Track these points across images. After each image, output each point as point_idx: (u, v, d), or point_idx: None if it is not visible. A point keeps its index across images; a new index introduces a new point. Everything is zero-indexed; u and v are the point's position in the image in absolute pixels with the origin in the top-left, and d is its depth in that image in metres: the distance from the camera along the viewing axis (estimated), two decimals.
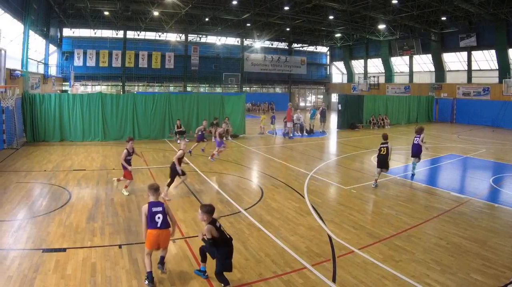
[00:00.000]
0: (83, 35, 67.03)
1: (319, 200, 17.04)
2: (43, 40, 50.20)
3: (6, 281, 9.42)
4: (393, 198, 17.53)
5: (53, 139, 31.31)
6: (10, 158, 24.63)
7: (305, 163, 25.39)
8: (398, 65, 74.10)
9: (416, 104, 56.51)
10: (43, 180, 19.50)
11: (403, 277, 10.08)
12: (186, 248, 11.72)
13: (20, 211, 14.73)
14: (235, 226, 13.60)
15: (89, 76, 67.27)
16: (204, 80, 77.24)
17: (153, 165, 23.77)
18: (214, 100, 36.51)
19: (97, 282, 9.57)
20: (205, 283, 9.74)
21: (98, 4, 52.02)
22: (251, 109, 75.51)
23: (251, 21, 64.59)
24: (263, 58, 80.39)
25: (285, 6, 51.44)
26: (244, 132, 37.48)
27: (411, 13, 50.82)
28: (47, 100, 31.08)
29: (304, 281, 9.91)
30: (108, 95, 33.67)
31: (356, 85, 78.52)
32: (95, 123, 32.29)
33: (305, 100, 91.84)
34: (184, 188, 18.56)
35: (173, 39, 72.62)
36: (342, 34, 73.58)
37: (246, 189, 18.80)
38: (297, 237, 12.72)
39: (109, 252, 11.24)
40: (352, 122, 45.19)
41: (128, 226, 13.32)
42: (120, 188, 17.78)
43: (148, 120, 33.79)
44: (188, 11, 52.71)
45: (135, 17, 61.93)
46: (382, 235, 13.03)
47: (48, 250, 11.19)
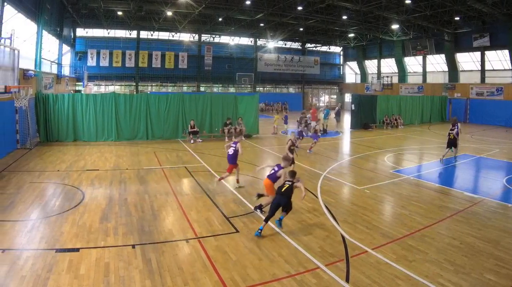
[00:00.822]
0: (97, 35, 67.22)
1: (332, 200, 17.03)
2: (56, 40, 50.39)
3: (20, 281, 9.45)
4: (407, 198, 17.48)
5: (66, 139, 31.41)
6: (24, 158, 24.75)
7: (318, 163, 25.35)
8: (411, 65, 73.75)
9: (430, 104, 56.20)
10: (56, 180, 19.57)
11: (416, 277, 10.06)
12: (200, 248, 11.69)
13: (34, 211, 14.78)
14: (248, 226, 13.59)
15: (102, 76, 67.53)
16: (217, 80, 77.26)
17: (166, 165, 23.74)
18: (228, 100, 36.44)
19: (110, 282, 9.58)
20: (218, 283, 9.72)
21: (112, 4, 52.19)
22: (265, 110, 75.34)
23: (265, 21, 64.57)
24: (277, 58, 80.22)
25: (299, 6, 51.26)
26: (257, 132, 37.40)
27: (424, 13, 50.58)
28: (61, 100, 31.18)
29: (318, 281, 9.90)
30: (121, 95, 33.75)
31: (370, 85, 78.15)
32: (109, 123, 32.36)
33: (319, 100, 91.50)
34: (198, 188, 18.57)
35: (186, 39, 72.66)
36: (356, 34, 73.41)
37: (259, 189, 18.44)
38: (311, 237, 12.71)
39: (123, 252, 11.25)
40: (365, 122, 45.04)
41: (142, 226, 13.32)
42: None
43: (162, 120, 33.79)
44: (201, 11, 52.69)
45: (148, 17, 62.05)
46: (396, 235, 13.00)
47: (61, 250, 11.21)
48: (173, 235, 12.69)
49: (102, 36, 67.19)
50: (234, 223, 13.88)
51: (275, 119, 41.82)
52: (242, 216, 14.71)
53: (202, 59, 73.95)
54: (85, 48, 65.51)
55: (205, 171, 22.19)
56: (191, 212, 15.00)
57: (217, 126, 35.17)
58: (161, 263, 10.62)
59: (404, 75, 73.88)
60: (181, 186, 19.20)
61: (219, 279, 9.93)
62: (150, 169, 22.32)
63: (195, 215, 14.69)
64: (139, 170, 22.22)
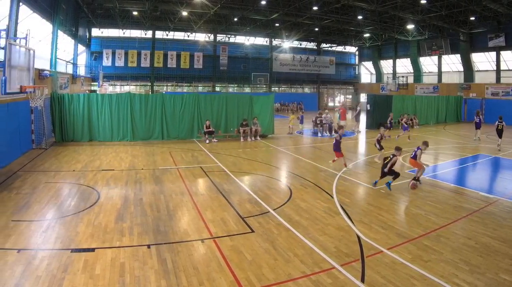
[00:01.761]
0: (112, 35, 67.63)
1: (347, 200, 16.98)
2: (71, 40, 50.75)
3: (35, 281, 9.48)
4: (422, 198, 17.39)
5: (81, 139, 31.57)
6: (39, 158, 24.88)
7: (334, 163, 25.28)
8: (426, 65, 73.61)
9: (445, 104, 55.84)
10: (71, 180, 19.65)
11: (431, 277, 9.99)
12: (215, 248, 11.67)
13: (49, 211, 14.84)
14: (263, 226, 13.55)
15: (117, 76, 68.03)
16: (233, 80, 77.42)
17: (182, 165, 23.75)
18: (243, 100, 36.40)
19: (125, 282, 9.60)
20: (233, 283, 9.70)
21: (127, 4, 52.38)
22: (280, 110, 75.35)
23: (280, 21, 64.57)
24: (292, 58, 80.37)
25: (314, 6, 51.08)
26: (273, 132, 37.32)
27: (439, 13, 50.44)
28: (76, 100, 31.35)
29: (333, 281, 9.86)
30: (136, 95, 33.83)
31: (385, 85, 77.76)
32: (124, 123, 32.47)
33: (334, 100, 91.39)
34: (213, 188, 18.54)
35: (202, 39, 72.81)
36: (371, 34, 73.33)
37: (274, 189, 18.75)
38: (326, 237, 12.66)
39: (138, 252, 11.26)
40: (380, 122, 44.61)
41: (157, 226, 13.34)
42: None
43: (177, 120, 33.84)
44: (216, 11, 52.80)
45: (164, 17, 62.20)
46: (411, 235, 12.93)
47: (76, 250, 11.25)
48: (188, 235, 12.70)
49: (117, 36, 67.63)
50: (249, 223, 13.84)
51: (291, 119, 41.62)
52: (258, 216, 14.66)
53: (217, 59, 74.19)
54: (100, 48, 66.06)
55: (221, 171, 22.16)
56: (206, 212, 15.00)
57: (232, 126, 35.20)
58: (176, 263, 10.62)
59: (419, 75, 73.70)
60: (196, 186, 19.21)
61: (234, 279, 9.91)
62: (166, 169, 22.38)
63: (211, 215, 14.68)
64: (155, 169, 22.27)
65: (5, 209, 14.68)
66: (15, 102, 24.13)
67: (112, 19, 61.25)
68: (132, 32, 68.21)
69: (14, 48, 17.96)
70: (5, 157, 22.24)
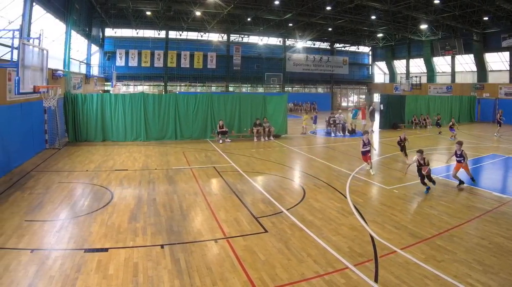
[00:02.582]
0: (125, 35, 67.84)
1: (361, 200, 16.98)
2: (85, 40, 50.91)
3: (48, 281, 9.52)
4: (435, 198, 17.37)
5: (95, 139, 31.71)
6: (52, 158, 25.01)
7: (347, 163, 25.26)
8: (440, 65, 73.36)
9: (458, 104, 55.44)
10: (85, 180, 19.74)
11: (445, 277, 9.97)
12: (228, 248, 11.68)
13: (62, 211, 14.90)
14: (277, 226, 13.55)
15: (131, 76, 68.31)
16: (246, 80, 77.42)
17: (195, 165, 23.80)
18: (256, 100, 36.42)
19: (139, 282, 9.62)
20: (247, 283, 9.71)
21: (140, 4, 52.51)
22: (293, 110, 75.21)
23: (293, 21, 64.43)
24: (305, 58, 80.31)
25: (327, 6, 50.92)
26: (286, 132, 37.28)
27: (453, 13, 50.25)
28: (89, 100, 31.50)
29: (346, 281, 9.86)
30: (150, 95, 33.97)
31: (399, 85, 77.55)
32: (137, 123, 32.57)
33: (347, 100, 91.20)
34: (226, 188, 18.57)
35: (215, 39, 72.90)
36: (384, 34, 73.03)
37: (288, 189, 18.74)
38: (339, 237, 12.66)
39: (151, 252, 11.28)
40: (394, 122, 44.92)
41: (170, 226, 13.36)
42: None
43: (190, 120, 33.91)
44: (230, 11, 52.85)
45: (177, 17, 62.28)
46: (424, 235, 12.91)
47: (90, 250, 11.29)
48: (201, 235, 12.71)
49: (130, 36, 67.84)
50: (262, 223, 13.84)
51: (304, 119, 41.64)
52: (271, 216, 14.66)
53: (231, 59, 74.23)
54: (113, 48, 66.30)
55: (234, 171, 22.18)
56: (219, 212, 15.02)
57: (246, 126, 35.24)
58: (189, 263, 10.63)
59: (432, 75, 73.49)
60: (209, 186, 19.24)
61: (248, 279, 9.92)
62: (179, 169, 22.43)
63: (224, 215, 14.70)
64: (168, 170, 22.32)
65: (18, 209, 14.77)
66: (29, 102, 24.28)
67: (125, 19, 61.40)
68: (145, 32, 68.37)
69: (28, 48, 18.02)
70: (18, 157, 22.38)
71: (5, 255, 10.82)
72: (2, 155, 19.96)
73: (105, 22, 60.32)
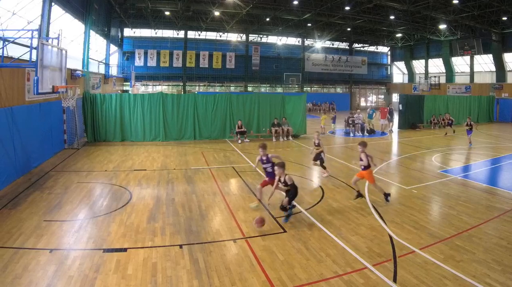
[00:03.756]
0: (144, 35, 68.29)
1: (380, 200, 16.89)
2: (104, 40, 51.30)
3: (67, 281, 9.57)
4: (454, 198, 17.26)
5: (113, 139, 31.89)
6: (71, 158, 25.16)
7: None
8: (459, 65, 73.11)
9: (477, 104, 55.20)
10: (104, 180, 19.83)
11: (464, 277, 9.93)
12: (247, 248, 11.69)
13: (81, 211, 14.99)
14: (296, 226, 13.54)
15: (150, 76, 68.63)
16: (265, 80, 77.43)
17: (214, 165, 23.83)
18: (275, 100, 36.38)
19: (157, 282, 9.64)
20: (265, 283, 9.71)
21: (159, 4, 52.80)
22: (312, 110, 75.24)
23: (312, 21, 64.56)
24: (324, 58, 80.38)
25: (346, 6, 50.97)
26: (305, 132, 37.21)
27: (472, 13, 50.15)
28: (108, 100, 31.68)
29: (365, 281, 9.84)
30: (169, 95, 33.98)
31: (417, 85, 77.47)
32: (156, 123, 32.68)
33: (366, 100, 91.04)
34: (245, 188, 18.59)
35: (234, 39, 73.14)
36: (403, 34, 72.89)
37: (306, 189, 18.72)
38: (358, 237, 12.64)
39: (170, 252, 11.30)
40: (413, 122, 44.85)
41: (189, 226, 13.39)
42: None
43: (209, 120, 33.97)
44: (249, 11, 53.03)
45: (196, 17, 62.63)
46: (443, 235, 12.86)
47: (109, 250, 11.34)
48: (220, 235, 12.72)
49: (149, 36, 68.28)
50: (281, 223, 13.86)
51: (322, 119, 41.67)
52: (290, 216, 14.64)
53: (249, 59, 74.37)
54: (132, 48, 66.78)
55: (253, 171, 22.09)
56: (238, 212, 15.03)
57: (264, 126, 35.22)
58: (208, 263, 10.65)
59: (451, 75, 73.23)
60: (228, 186, 19.26)
61: (267, 279, 9.93)
62: (198, 169, 22.47)
63: (243, 215, 14.71)
64: (187, 169, 22.36)
65: (37, 209, 14.88)
66: (48, 102, 24.46)
67: (144, 19, 61.83)
68: (164, 32, 68.75)
69: (46, 48, 18.08)
70: (37, 157, 22.54)
71: (24, 255, 10.90)
72: (21, 155, 20.09)
73: (124, 22, 60.76)
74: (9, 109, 18.82)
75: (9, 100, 19.06)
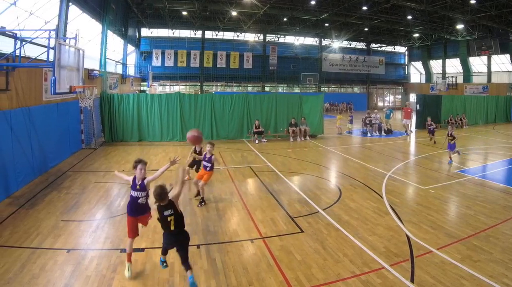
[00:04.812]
0: (161, 35, 68.67)
1: (397, 200, 16.90)
2: (121, 40, 51.58)
3: (84, 281, 9.65)
4: (471, 198, 17.21)
5: (131, 139, 32.01)
6: (89, 158, 25.30)
7: (383, 163, 25.10)
8: (476, 65, 72.96)
9: (494, 104, 54.94)
10: (121, 180, 19.75)
11: (481, 277, 9.95)
12: (265, 248, 11.71)
13: (98, 211, 15.09)
14: (313, 226, 13.54)
15: (167, 76, 68.92)
16: (282, 80, 77.51)
17: (231, 165, 23.88)
18: (293, 100, 36.34)
19: (175, 282, 9.71)
20: (283, 283, 9.73)
21: (176, 4, 53.05)
22: (329, 110, 75.06)
23: (329, 21, 64.56)
24: (341, 58, 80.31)
25: (363, 6, 51.18)
26: (322, 132, 37.19)
27: (489, 13, 49.93)
28: (125, 100, 31.82)
29: (382, 281, 9.86)
30: (186, 95, 34.10)
31: (435, 85, 77.30)
32: (174, 123, 32.78)
33: (383, 100, 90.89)
34: (262, 188, 18.59)
35: (251, 39, 73.31)
36: (420, 34, 72.75)
37: (324, 189, 18.70)
38: (375, 237, 12.65)
39: None
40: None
41: (206, 226, 13.43)
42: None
43: (226, 120, 34.03)
44: (266, 11, 53.06)
45: (213, 17, 62.85)
46: (460, 235, 12.84)
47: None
48: (238, 235, 12.76)
49: (167, 36, 68.62)
50: (299, 223, 13.86)
51: (338, 119, 41.74)
52: (307, 216, 14.66)
53: (267, 59, 74.39)
54: (150, 48, 67.07)
55: (270, 171, 22.18)
56: (256, 212, 15.05)
57: (282, 126, 35.20)
58: (225, 263, 10.69)
59: (468, 75, 73.05)
60: (246, 186, 19.29)
61: (284, 279, 9.94)
62: (215, 169, 22.28)
63: (260, 215, 14.72)
64: None
65: (54, 209, 14.99)
66: (65, 103, 24.62)
67: (161, 19, 62.18)
68: (181, 32, 69.13)
69: (64, 48, 18.16)
70: (55, 157, 22.68)
71: (41, 255, 10.99)
72: (39, 155, 20.21)
73: (141, 22, 61.09)
74: (27, 109, 18.94)
75: (26, 100, 19.18)
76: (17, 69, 17.96)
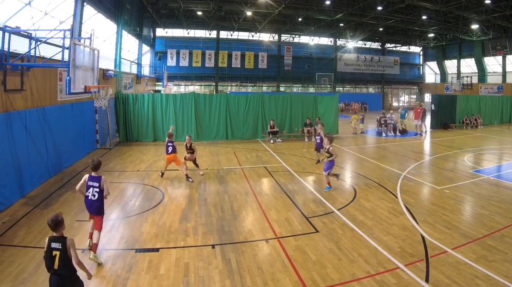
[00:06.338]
0: (176, 35, 68.73)
1: (412, 200, 16.87)
2: (136, 40, 51.73)
3: (100, 280, 9.72)
4: (486, 198, 17.15)
5: (146, 139, 32.14)
6: (103, 158, 25.24)
7: (398, 163, 25.06)
8: (491, 65, 72.54)
9: (509, 104, 54.53)
10: (136, 180, 20.01)
11: (496, 277, 9.92)
12: (279, 248, 11.71)
13: (113, 211, 15.13)
14: (328, 226, 13.54)
15: (182, 76, 69.12)
16: (297, 80, 77.39)
17: (246, 165, 23.89)
18: (307, 100, 36.34)
19: (190, 282, 9.70)
20: (298, 283, 9.72)
21: (191, 4, 53.22)
22: (344, 110, 74.83)
23: (344, 21, 64.60)
24: (356, 58, 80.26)
25: (378, 6, 51.15)
26: (337, 132, 37.04)
27: (504, 13, 49.66)
28: (140, 100, 31.94)
29: (397, 281, 9.85)
30: (201, 95, 34.20)
31: (449, 85, 76.96)
32: (188, 123, 32.82)
33: (398, 100, 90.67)
34: (277, 188, 18.58)
35: (266, 39, 73.23)
36: (435, 34, 72.55)
37: (339, 189, 18.66)
38: (390, 237, 12.64)
39: (202, 252, 11.36)
40: (445, 122, 44.62)
41: (221, 226, 13.45)
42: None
43: (241, 120, 34.06)
44: (281, 11, 53.13)
45: (228, 17, 62.92)
46: (475, 235, 12.81)
47: (141, 250, 11.44)
48: (252, 235, 12.77)
49: (181, 36, 68.72)
50: (313, 223, 13.85)
51: (353, 119, 41.72)
52: (322, 216, 14.65)
53: (281, 59, 74.36)
54: (164, 48, 67.23)
55: (285, 171, 22.18)
56: (270, 212, 15.05)
57: (297, 126, 35.25)
58: (240, 263, 10.70)
59: (483, 75, 72.69)
60: (260, 186, 19.29)
61: (299, 279, 9.95)
62: (230, 169, 22.56)
63: (275, 215, 14.72)
64: (219, 169, 22.49)
65: (69, 209, 15.07)
66: (80, 103, 24.73)
67: (176, 19, 62.32)
68: (196, 32, 69.17)
69: (79, 48, 18.20)
70: (69, 157, 22.81)
71: None
72: (53, 155, 20.31)
73: (156, 22, 61.26)
74: (41, 109, 19.03)
75: (41, 100, 19.28)
76: (32, 69, 18.06)
